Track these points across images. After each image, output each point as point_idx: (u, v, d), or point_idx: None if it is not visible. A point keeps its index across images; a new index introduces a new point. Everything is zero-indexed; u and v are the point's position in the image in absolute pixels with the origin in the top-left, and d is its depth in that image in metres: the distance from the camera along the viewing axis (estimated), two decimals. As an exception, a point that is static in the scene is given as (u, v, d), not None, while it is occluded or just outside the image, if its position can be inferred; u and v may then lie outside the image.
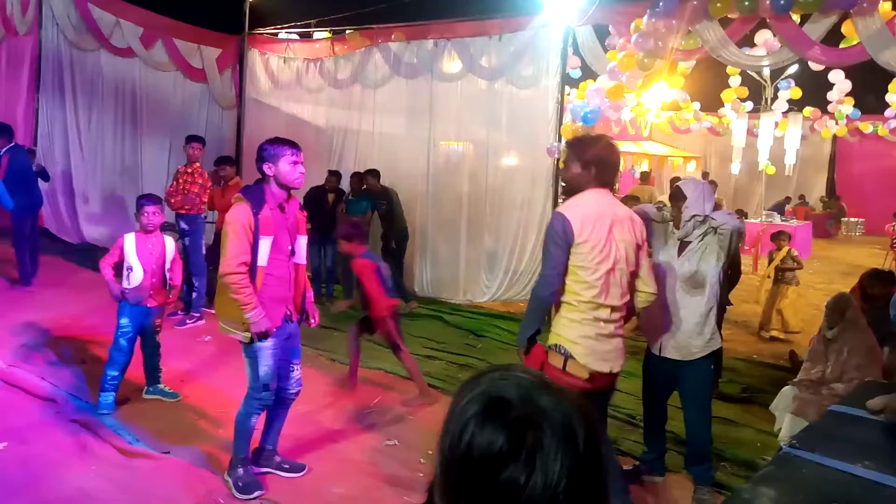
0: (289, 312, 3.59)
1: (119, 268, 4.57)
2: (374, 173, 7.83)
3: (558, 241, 2.98)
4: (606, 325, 3.05)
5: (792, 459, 1.89)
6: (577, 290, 3.01)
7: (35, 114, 9.07)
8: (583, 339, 3.02)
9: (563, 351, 3.03)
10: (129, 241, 4.57)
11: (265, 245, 3.38)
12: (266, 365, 3.47)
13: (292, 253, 3.55)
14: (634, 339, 5.53)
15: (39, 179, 8.48)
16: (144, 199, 4.68)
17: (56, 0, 9.08)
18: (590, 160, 3.05)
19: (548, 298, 3.07)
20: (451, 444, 0.87)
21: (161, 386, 4.76)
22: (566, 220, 2.97)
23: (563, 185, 3.23)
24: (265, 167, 3.43)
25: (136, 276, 4.52)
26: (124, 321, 4.53)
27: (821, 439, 1.97)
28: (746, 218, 12.96)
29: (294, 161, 3.43)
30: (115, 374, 4.47)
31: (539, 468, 0.82)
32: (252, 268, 3.36)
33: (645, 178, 13.21)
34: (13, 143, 7.15)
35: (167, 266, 4.66)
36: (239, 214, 3.34)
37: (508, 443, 0.83)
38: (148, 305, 4.59)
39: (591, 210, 3.01)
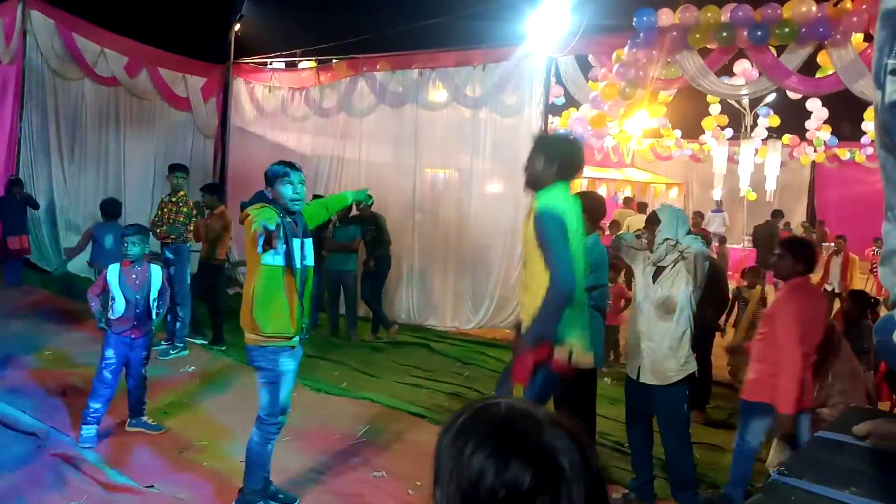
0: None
1: (105, 298, 4.53)
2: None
3: (564, 235, 2.93)
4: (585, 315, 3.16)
5: (780, 487, 1.89)
6: None
7: (18, 142, 9.03)
8: (583, 330, 3.05)
9: (567, 346, 2.99)
10: (113, 271, 4.53)
11: (297, 245, 3.42)
12: (286, 389, 3.48)
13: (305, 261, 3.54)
14: (622, 366, 5.54)
15: (28, 207, 8.43)
16: (126, 230, 4.67)
17: (40, 29, 9.09)
18: (555, 156, 3.09)
19: (572, 293, 2.92)
20: (470, 486, 0.85)
21: (144, 418, 4.68)
22: (560, 216, 2.95)
23: (526, 177, 3.17)
24: (266, 190, 3.48)
25: (118, 306, 4.47)
26: (109, 353, 4.47)
27: (808, 466, 1.97)
28: (726, 242, 13.11)
29: (290, 182, 3.43)
30: (98, 406, 4.40)
31: (565, 497, 0.83)
32: (293, 269, 3.37)
33: (628, 202, 13.29)
34: None
35: (153, 296, 4.61)
36: (267, 215, 3.27)
37: (536, 478, 0.83)
38: (132, 337, 4.54)
39: (568, 207, 3.02)
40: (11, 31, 8.93)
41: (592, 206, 4.01)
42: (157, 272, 4.67)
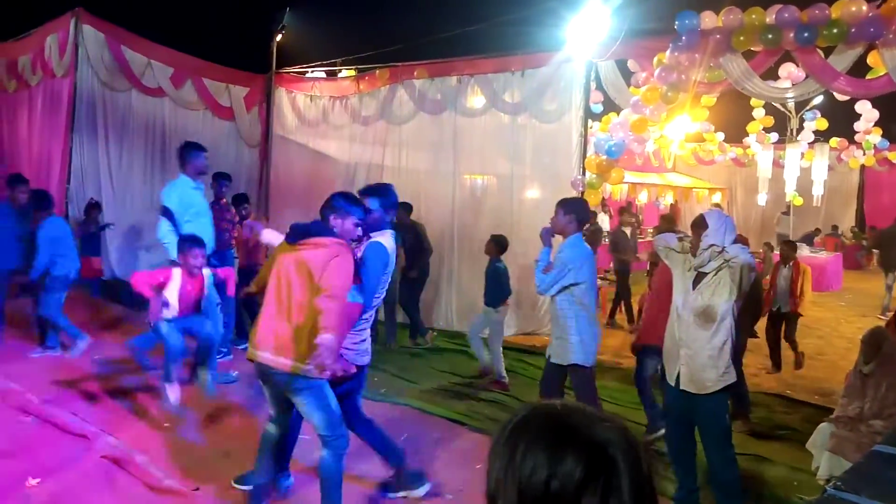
0: None
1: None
2: (406, 206, 7.90)
3: (384, 269, 3.66)
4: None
5: (837, 502, 1.83)
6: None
7: (70, 153, 9.30)
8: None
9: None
10: (177, 277, 4.62)
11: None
12: (335, 404, 3.50)
13: None
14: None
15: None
16: (191, 243, 4.75)
17: (91, 42, 9.35)
18: (390, 206, 3.87)
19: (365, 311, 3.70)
20: (526, 479, 0.89)
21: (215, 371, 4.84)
22: (389, 253, 3.69)
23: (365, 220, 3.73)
24: (332, 218, 3.55)
25: (171, 312, 4.62)
26: (164, 326, 4.63)
27: (866, 481, 1.91)
28: (772, 250, 12.80)
29: (356, 223, 3.59)
30: (176, 366, 4.65)
31: (615, 493, 0.86)
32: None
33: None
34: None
35: (204, 303, 4.75)
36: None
37: (587, 471, 0.87)
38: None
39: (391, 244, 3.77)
40: (65, 45, 9.24)
41: (578, 210, 4.56)
42: (206, 274, 4.76)
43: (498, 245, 6.70)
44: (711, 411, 3.66)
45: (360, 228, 3.62)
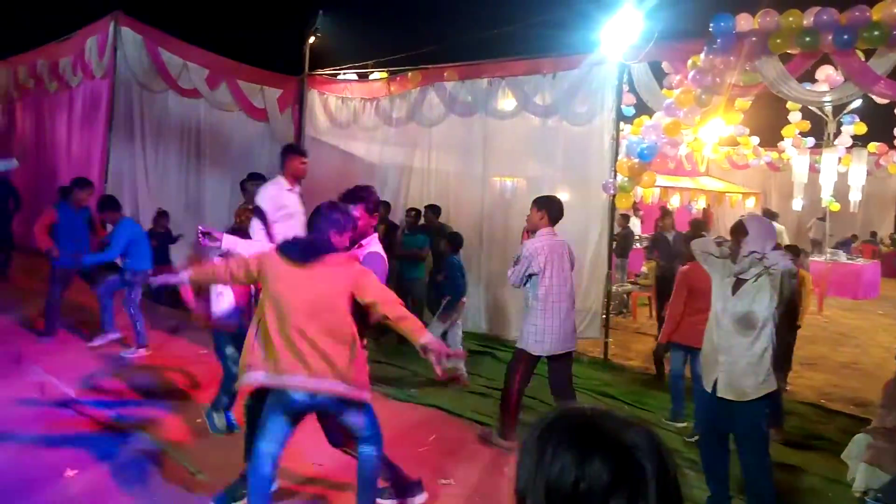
0: None
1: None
2: (435, 209, 7.90)
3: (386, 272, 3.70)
4: None
5: (874, 514, 1.80)
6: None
7: (108, 152, 9.50)
8: None
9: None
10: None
11: None
12: None
13: None
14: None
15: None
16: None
17: (129, 44, 9.56)
18: (374, 209, 3.81)
19: None
20: (555, 479, 0.90)
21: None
22: (384, 259, 3.70)
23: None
24: (332, 234, 3.26)
25: (226, 298, 4.41)
26: (230, 350, 4.52)
27: (905, 493, 1.87)
28: (807, 256, 12.53)
29: (351, 237, 3.51)
30: (229, 398, 4.62)
31: (641, 497, 0.87)
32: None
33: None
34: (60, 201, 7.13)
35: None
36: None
37: (614, 475, 0.88)
38: (243, 328, 4.65)
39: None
40: (104, 46, 9.46)
41: (549, 207, 4.88)
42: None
43: (452, 243, 6.70)
44: (750, 419, 3.61)
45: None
